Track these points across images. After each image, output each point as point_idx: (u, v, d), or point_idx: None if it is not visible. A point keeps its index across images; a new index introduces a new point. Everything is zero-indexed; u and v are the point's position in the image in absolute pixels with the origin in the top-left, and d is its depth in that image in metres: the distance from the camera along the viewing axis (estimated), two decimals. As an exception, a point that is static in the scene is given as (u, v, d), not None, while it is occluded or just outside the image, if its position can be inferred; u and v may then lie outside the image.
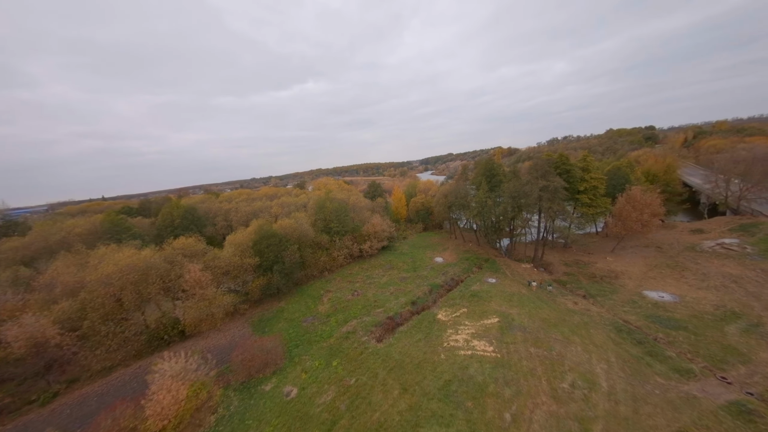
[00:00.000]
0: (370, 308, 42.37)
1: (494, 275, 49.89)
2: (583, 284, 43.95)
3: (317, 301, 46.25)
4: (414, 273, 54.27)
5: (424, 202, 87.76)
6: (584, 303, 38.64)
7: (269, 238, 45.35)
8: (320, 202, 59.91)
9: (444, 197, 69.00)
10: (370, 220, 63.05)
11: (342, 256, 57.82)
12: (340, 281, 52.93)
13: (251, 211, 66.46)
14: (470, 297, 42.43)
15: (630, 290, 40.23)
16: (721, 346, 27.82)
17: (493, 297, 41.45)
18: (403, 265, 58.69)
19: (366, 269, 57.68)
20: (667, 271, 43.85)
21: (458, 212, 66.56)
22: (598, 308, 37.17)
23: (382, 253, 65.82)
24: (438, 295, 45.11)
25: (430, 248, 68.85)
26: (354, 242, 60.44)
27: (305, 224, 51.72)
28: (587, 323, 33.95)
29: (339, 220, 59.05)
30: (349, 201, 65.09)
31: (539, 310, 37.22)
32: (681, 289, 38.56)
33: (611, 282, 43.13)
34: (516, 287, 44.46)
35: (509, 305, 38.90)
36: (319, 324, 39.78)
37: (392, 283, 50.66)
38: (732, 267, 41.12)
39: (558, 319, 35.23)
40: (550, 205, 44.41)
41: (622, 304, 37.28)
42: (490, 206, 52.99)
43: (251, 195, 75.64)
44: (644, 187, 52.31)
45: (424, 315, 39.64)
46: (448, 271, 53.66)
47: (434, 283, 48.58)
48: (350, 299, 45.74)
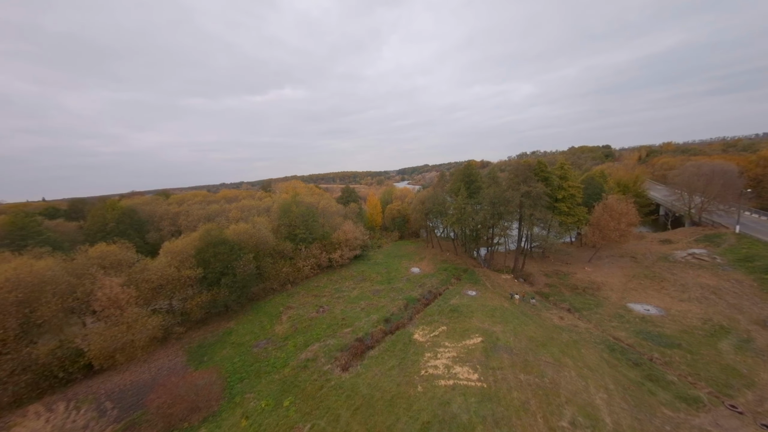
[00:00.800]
0: (336, 328, 36.34)
1: (474, 287, 46.07)
2: (567, 296, 41.30)
3: (274, 320, 39.31)
4: (388, 285, 49.08)
5: (400, 209, 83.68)
6: (570, 318, 35.59)
7: (218, 246, 38.06)
8: (285, 206, 53.31)
9: (421, 204, 65.22)
10: (341, 227, 57.25)
11: (308, 267, 51.28)
12: (304, 295, 46.28)
13: (205, 215, 57.99)
14: (450, 312, 37.94)
15: (614, 303, 37.98)
16: (719, 366, 25.36)
17: (474, 312, 37.28)
18: (377, 276, 53.34)
19: (335, 281, 51.52)
20: (646, 282, 42.53)
21: (436, 220, 62.93)
22: (585, 323, 34.20)
23: (354, 263, 60.04)
24: (414, 311, 40.17)
25: (407, 257, 64.25)
26: (323, 251, 54.21)
27: (265, 230, 44.89)
28: (577, 341, 30.58)
29: (306, 226, 52.69)
30: (319, 205, 59.06)
31: (525, 327, 33.47)
32: (664, 301, 36.90)
33: (594, 294, 40.86)
34: (498, 300, 40.77)
35: (492, 321, 34.85)
36: (273, 349, 33.00)
37: (364, 297, 45.00)
38: (707, 277, 40.53)
39: (545, 337, 31.60)
40: (532, 212, 41.81)
41: (609, 318, 34.65)
42: (469, 213, 49.67)
43: (208, 197, 66.95)
44: (618, 196, 51.88)
45: (398, 335, 34.37)
46: (425, 282, 49.11)
47: (410, 297, 43.65)
48: (314, 317, 39.36)
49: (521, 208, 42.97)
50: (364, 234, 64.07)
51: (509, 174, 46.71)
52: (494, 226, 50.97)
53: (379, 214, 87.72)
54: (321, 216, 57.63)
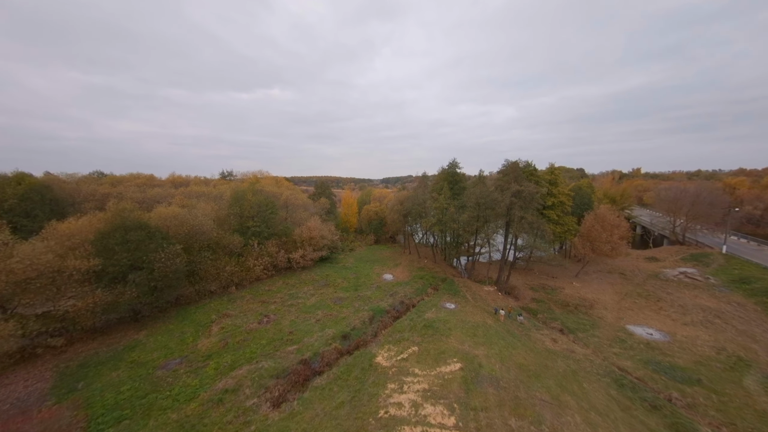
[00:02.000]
0: (279, 344, 28.22)
1: (453, 299, 39.55)
2: (557, 314, 35.71)
3: (201, 332, 30.47)
4: (354, 293, 41.52)
5: (378, 210, 76.79)
6: (564, 340, 29.73)
7: (130, 231, 29.08)
8: (238, 193, 44.74)
9: (400, 204, 58.77)
10: (305, 223, 49.30)
11: (260, 267, 42.69)
12: (249, 301, 37.61)
13: (142, 199, 47.99)
14: (423, 328, 30.97)
15: (611, 324, 32.72)
16: (755, 413, 20.01)
17: (452, 329, 30.55)
18: (343, 281, 45.63)
19: (292, 285, 43.19)
20: (641, 302, 37.97)
21: (415, 223, 56.52)
22: (582, 348, 28.39)
23: (319, 266, 51.99)
24: (381, 325, 32.85)
25: (380, 263, 57.07)
26: (280, 249, 45.86)
27: (203, 217, 36.18)
28: (576, 372, 24.49)
29: (262, 219, 44.34)
30: (281, 196, 50.82)
31: (513, 351, 27.10)
32: (666, 324, 32.08)
33: (588, 312, 35.56)
34: (480, 316, 34.38)
35: (474, 342, 28.23)
36: (185, 373, 24.31)
37: (322, 305, 37.10)
38: (705, 299, 36.55)
39: (538, 364, 25.31)
40: (522, 215, 36.32)
41: (609, 342, 29.11)
42: (451, 214, 43.63)
43: (152, 180, 56.81)
44: (610, 207, 48.09)
45: (357, 356, 26.87)
46: (397, 291, 42.03)
47: (378, 308, 36.32)
48: (254, 329, 30.95)
49: (510, 210, 37.46)
50: (333, 233, 56.34)
51: (498, 174, 41.44)
52: (478, 232, 45.18)
53: (355, 215, 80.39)
54: (283, 209, 49.47)
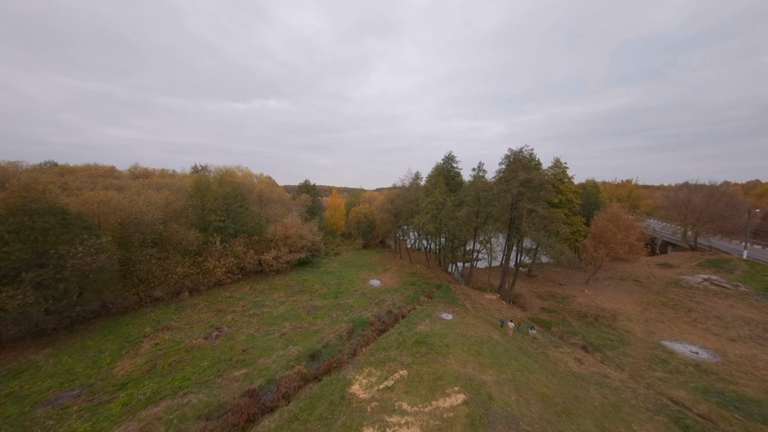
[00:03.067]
0: (224, 367, 21.20)
1: (450, 308, 33.11)
2: (575, 327, 29.56)
3: (127, 350, 23.19)
4: (334, 300, 34.72)
5: (366, 212, 70.62)
6: (591, 361, 23.46)
7: (36, 216, 22.10)
8: (201, 183, 37.99)
9: (390, 202, 52.79)
10: (281, 220, 42.67)
11: (223, 269, 35.62)
12: (202, 310, 30.39)
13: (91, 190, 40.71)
14: (415, 345, 24.38)
15: (642, 340, 26.70)
16: None
17: (451, 346, 24.05)
18: (322, 288, 38.77)
19: (260, 291, 36.10)
20: (669, 312, 32.21)
21: (407, 223, 50.32)
22: (616, 372, 22.14)
23: (296, 270, 45.04)
24: (362, 341, 26.11)
25: (367, 268, 50.44)
26: (249, 248, 38.94)
27: (147, 205, 29.30)
28: (618, 406, 18.14)
29: (228, 212, 37.58)
30: (255, 189, 44.21)
31: (530, 376, 20.69)
32: (708, 340, 26.23)
33: (611, 325, 29.53)
34: (483, 329, 27.96)
35: (479, 363, 21.76)
36: (78, 411, 17.08)
37: (292, 315, 30.16)
38: (744, 309, 31.05)
39: (566, 395, 18.92)
40: (533, 208, 30.58)
41: (648, 364, 22.98)
42: (449, 209, 37.71)
43: (112, 172, 49.62)
44: (622, 204, 43.03)
45: (327, 384, 20.07)
46: (384, 299, 35.37)
47: (360, 318, 29.56)
48: (197, 346, 23.82)
49: (518, 202, 31.72)
50: (314, 233, 49.68)
51: (501, 165, 35.88)
52: (477, 231, 39.25)
53: (342, 218, 73.97)
54: (256, 203, 42.82)
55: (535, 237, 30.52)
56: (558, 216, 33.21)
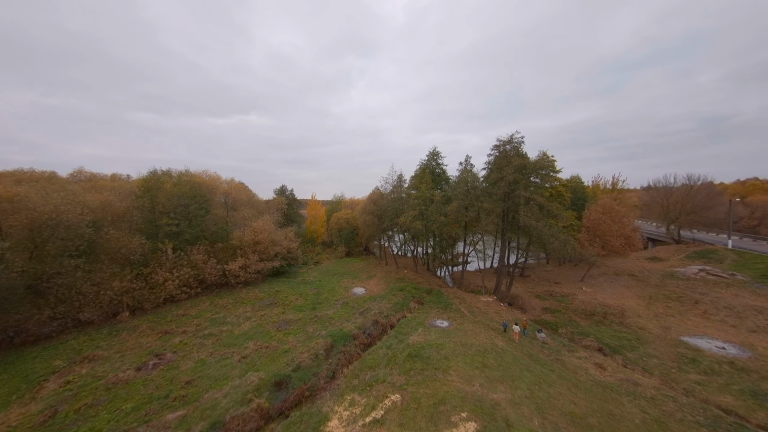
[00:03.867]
0: (157, 408, 15.60)
1: (445, 314, 28.91)
2: (584, 327, 26.18)
3: (21, 393, 16.96)
4: (311, 313, 29.53)
5: (349, 218, 66.04)
6: (613, 366, 19.88)
7: None
8: (152, 182, 32.15)
9: (373, 203, 48.72)
10: (250, 223, 37.30)
11: (175, 282, 29.61)
12: (143, 332, 24.27)
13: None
14: (408, 360, 19.83)
15: (660, 337, 23.66)
16: None
17: (451, 359, 19.71)
18: (298, 299, 33.45)
19: (222, 306, 30.25)
20: (676, 305, 29.78)
21: (392, 226, 46.14)
22: (645, 377, 18.62)
23: (269, 281, 39.35)
24: (343, 359, 21.19)
25: (350, 275, 45.49)
26: (210, 257, 33.18)
27: (68, 204, 23.38)
28: (663, 422, 14.45)
29: (184, 215, 31.89)
30: (218, 190, 38.68)
31: (550, 390, 16.68)
32: (728, 333, 23.62)
33: (622, 323, 26.45)
34: (485, 335, 23.88)
35: (486, 378, 17.53)
36: None
37: (258, 333, 24.71)
38: (749, 298, 29.19)
39: (599, 412, 15.02)
40: (530, 196, 27.58)
41: (677, 365, 19.73)
42: (437, 205, 34.15)
43: (50, 179, 42.15)
44: (613, 196, 41.48)
45: (294, 421, 15.03)
46: (370, 308, 30.62)
47: (341, 332, 24.61)
48: (124, 381, 17.96)
49: (513, 191, 28.66)
50: (290, 240, 44.42)
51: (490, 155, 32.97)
52: (468, 228, 35.84)
53: (322, 225, 68.81)
54: (221, 206, 37.26)
55: (535, 228, 27.37)
56: (556, 204, 30.44)
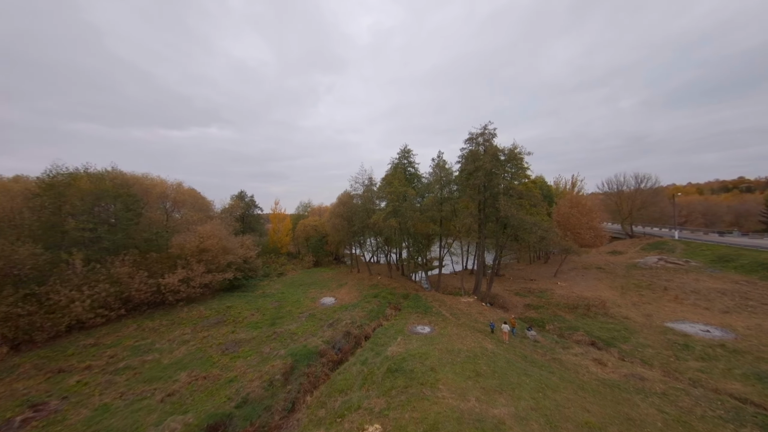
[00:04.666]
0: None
1: (425, 318, 25.64)
2: (571, 321, 24.53)
3: None
4: (269, 329, 24.41)
5: (317, 225, 61.03)
6: (612, 360, 17.92)
7: None
8: (59, 180, 25.11)
9: (342, 205, 44.84)
10: (194, 227, 31.27)
11: (86, 304, 22.72)
12: (25, 373, 17.51)
13: None
14: (388, 376, 16.03)
15: (645, 325, 22.66)
16: None
17: (438, 370, 16.29)
18: (254, 315, 27.98)
19: (152, 330, 23.82)
20: (648, 293, 29.78)
21: (363, 229, 42.36)
22: (647, 369, 16.84)
23: (220, 296, 33.13)
24: (307, 384, 16.74)
25: (318, 285, 40.58)
26: (139, 269, 26.61)
27: None
28: (686, 422, 12.36)
29: (101, 218, 25.26)
30: (155, 191, 32.16)
31: (557, 396, 13.95)
32: (704, 315, 23.40)
33: (607, 314, 25.29)
34: (472, 338, 20.94)
35: (482, 390, 14.37)
36: None
37: (196, 359, 19.18)
38: (709, 281, 30.20)
39: (615, 417, 12.53)
40: (509, 185, 26.04)
41: (672, 352, 18.39)
42: (412, 200, 31.47)
43: None
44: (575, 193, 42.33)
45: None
46: (341, 318, 26.31)
47: (304, 349, 20.03)
48: (-39, 453, 11.69)
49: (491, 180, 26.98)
50: (248, 248, 38.62)
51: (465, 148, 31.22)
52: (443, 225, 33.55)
53: (288, 234, 62.76)
54: (156, 209, 30.81)
55: (515, 218, 25.70)
56: (535, 194, 29.37)
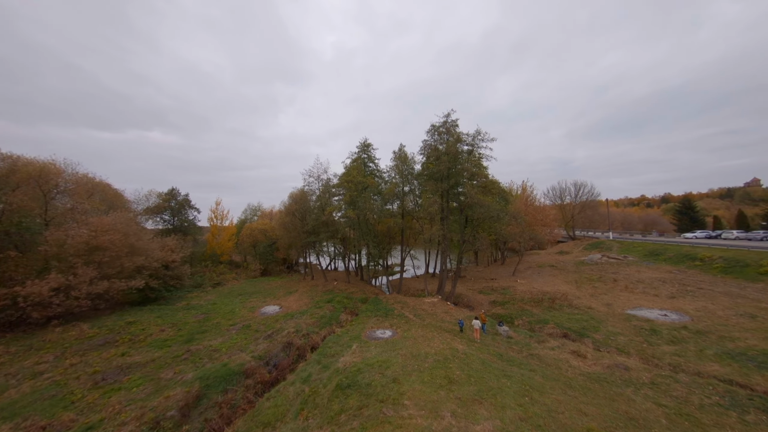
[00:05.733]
0: None
1: (385, 322, 21.83)
2: (538, 314, 22.88)
3: None
4: (182, 347, 18.17)
5: (266, 228, 53.92)
6: (590, 352, 16.05)
7: None
8: None
9: (295, 203, 39.56)
10: (86, 219, 23.47)
11: None
12: None
13: None
14: (336, 397, 11.69)
15: (609, 314, 21.95)
16: None
17: (402, 381, 12.53)
18: (165, 330, 21.19)
19: (-13, 361, 15.87)
20: (600, 285, 30.19)
21: (317, 232, 37.18)
22: (628, 359, 15.18)
23: (122, 309, 25.14)
24: (218, 418, 11.51)
25: (262, 294, 34.25)
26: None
27: None
28: (689, 415, 10.38)
29: None
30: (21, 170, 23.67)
31: (545, 400, 11.13)
32: (656, 302, 23.70)
33: (571, 305, 24.27)
34: (440, 339, 17.67)
35: (458, 401, 10.95)
36: None
37: (34, 402, 12.46)
38: (648, 272, 31.95)
39: (615, 419, 10.03)
40: (475, 170, 24.28)
41: (643, 338, 17.33)
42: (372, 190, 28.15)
43: None
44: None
45: None
46: (283, 327, 21.07)
47: (223, 370, 14.58)
48: None
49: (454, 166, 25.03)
50: (171, 251, 31.04)
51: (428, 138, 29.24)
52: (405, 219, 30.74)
53: (230, 239, 54.28)
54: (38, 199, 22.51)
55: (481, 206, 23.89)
56: (498, 183, 28.21)
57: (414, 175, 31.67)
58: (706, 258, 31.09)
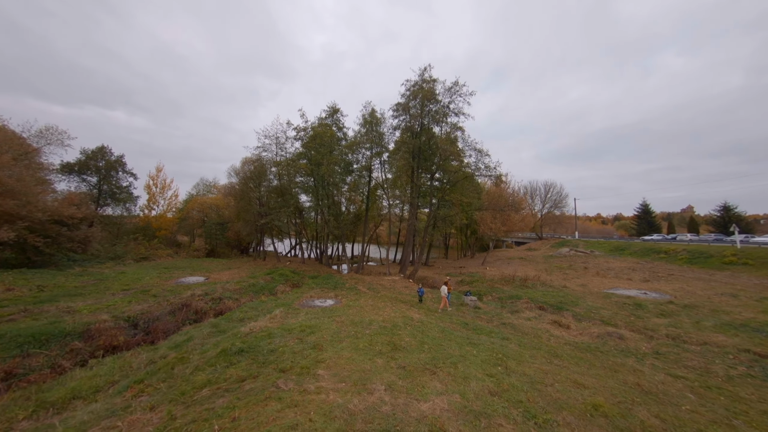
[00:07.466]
0: None
1: (330, 293, 17.47)
2: (509, 291, 19.74)
3: None
4: (23, 307, 12.25)
5: (217, 203, 47.14)
6: (572, 323, 12.92)
7: None
8: None
9: (248, 164, 33.99)
10: None
11: None
12: None
13: None
14: (212, 364, 7.04)
15: (586, 292, 19.41)
16: None
17: (326, 347, 8.30)
18: (11, 290, 14.98)
19: None
20: (571, 272, 28.30)
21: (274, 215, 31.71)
22: (622, 329, 12.09)
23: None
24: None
25: (192, 268, 28.19)
26: None
27: None
28: (716, 387, 7.06)
29: None
30: None
31: (523, 369, 7.46)
32: (631, 284, 21.81)
33: (544, 284, 21.55)
34: (392, 308, 13.64)
35: (401, 371, 6.88)
36: None
37: None
38: (616, 263, 30.80)
39: (626, 391, 6.52)
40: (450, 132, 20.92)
41: (629, 312, 14.60)
42: (334, 161, 23.86)
43: None
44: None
45: None
46: (193, 293, 15.77)
47: (43, 329, 9.27)
48: None
49: (426, 124, 21.54)
50: (72, 203, 24.23)
51: (404, 95, 25.30)
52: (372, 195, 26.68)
53: (175, 212, 46.55)
54: None
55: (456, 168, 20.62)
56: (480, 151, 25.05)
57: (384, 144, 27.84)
58: (671, 251, 30.58)
